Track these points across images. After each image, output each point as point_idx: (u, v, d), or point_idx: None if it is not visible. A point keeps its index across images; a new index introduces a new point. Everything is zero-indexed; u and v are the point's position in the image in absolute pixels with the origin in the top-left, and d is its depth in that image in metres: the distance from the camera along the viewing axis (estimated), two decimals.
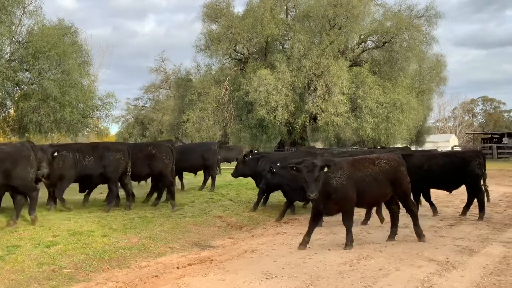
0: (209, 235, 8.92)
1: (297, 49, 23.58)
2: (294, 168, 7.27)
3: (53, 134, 22.43)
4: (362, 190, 7.49)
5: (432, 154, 11.77)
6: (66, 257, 6.94)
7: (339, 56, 24.60)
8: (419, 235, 8.02)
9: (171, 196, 11.25)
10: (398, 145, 29.73)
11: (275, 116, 22.63)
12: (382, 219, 9.75)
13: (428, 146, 49.74)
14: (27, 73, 17.56)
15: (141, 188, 13.53)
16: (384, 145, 25.27)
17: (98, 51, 48.19)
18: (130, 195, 11.17)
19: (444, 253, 7.07)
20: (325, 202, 7.41)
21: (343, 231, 9.14)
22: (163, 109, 41.89)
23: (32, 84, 17.50)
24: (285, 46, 27.48)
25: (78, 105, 18.12)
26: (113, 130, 52.54)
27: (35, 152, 8.98)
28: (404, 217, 10.66)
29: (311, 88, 24.01)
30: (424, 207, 11.47)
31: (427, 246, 7.59)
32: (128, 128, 45.64)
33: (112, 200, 10.85)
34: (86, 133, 24.58)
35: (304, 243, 7.61)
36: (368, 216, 9.83)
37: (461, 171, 10.23)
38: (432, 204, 10.95)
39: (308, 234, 7.66)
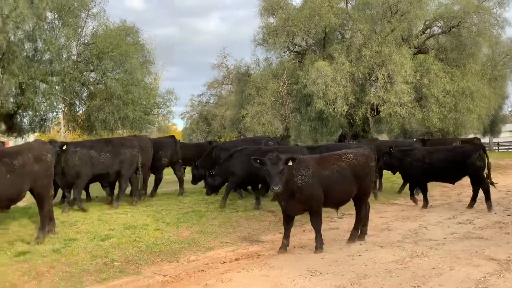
0: (259, 229, 8.88)
1: (356, 38, 22.80)
2: (258, 161, 6.94)
3: (123, 131, 23.38)
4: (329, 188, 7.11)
5: (435, 149, 12.11)
6: (119, 250, 7.18)
7: (402, 43, 23.46)
8: (352, 237, 7.64)
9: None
10: (472, 136, 28.10)
11: (334, 108, 22.04)
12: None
13: (504, 136, 46.66)
14: (92, 73, 18.42)
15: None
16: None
17: (162, 50, 50.03)
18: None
19: (507, 251, 6.53)
20: (288, 200, 7.05)
21: (399, 226, 8.82)
22: (226, 104, 42.45)
23: (97, 84, 18.35)
24: (345, 36, 26.73)
25: (140, 103, 18.76)
26: (180, 126, 54.13)
27: None
28: (468, 212, 10.12)
29: (372, 78, 23.12)
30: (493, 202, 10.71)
31: (489, 244, 7.06)
32: (192, 124, 46.72)
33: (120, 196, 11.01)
34: (149, 130, 25.35)
35: (283, 247, 7.23)
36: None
37: (462, 164, 10.67)
38: (426, 198, 11.29)
39: (286, 236, 7.31)
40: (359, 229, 7.73)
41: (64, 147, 9.65)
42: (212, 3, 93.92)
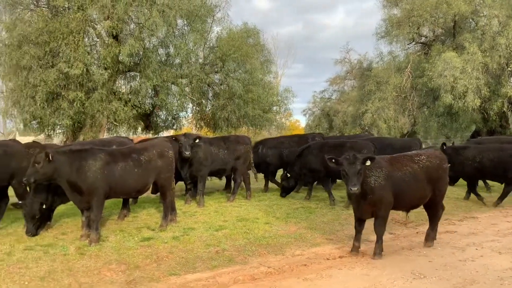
0: (368, 229, 8.57)
1: (491, 26, 20.86)
2: (333, 161, 6.66)
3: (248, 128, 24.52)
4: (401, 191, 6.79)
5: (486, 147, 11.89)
6: (230, 241, 7.68)
7: None
8: (428, 239, 7.37)
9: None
10: None
11: (464, 102, 20.42)
12: None
13: None
14: (217, 74, 19.72)
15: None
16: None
17: (285, 48, 51.17)
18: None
19: None
20: (359, 202, 6.76)
21: None
22: (348, 100, 41.72)
23: (221, 84, 19.61)
24: (478, 23, 24.58)
25: (260, 101, 19.54)
26: (303, 122, 54.66)
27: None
28: None
29: (509, 68, 20.98)
30: None
31: None
32: (314, 120, 46.87)
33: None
34: (273, 127, 26.08)
35: (355, 249, 7.08)
36: None
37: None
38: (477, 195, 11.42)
39: (356, 239, 7.15)
40: (436, 230, 7.45)
41: (197, 140, 10.32)
42: None
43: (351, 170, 6.37)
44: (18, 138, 36.44)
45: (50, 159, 6.92)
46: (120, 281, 5.89)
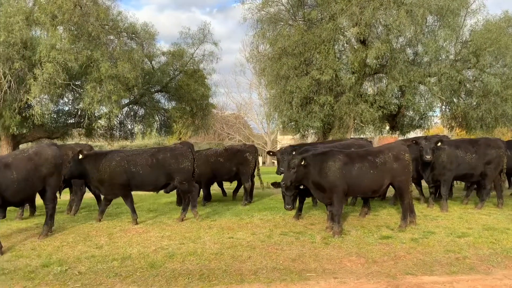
0: None
1: None
2: None
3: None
4: None
5: None
6: (473, 249, 7.35)
7: None
8: None
9: None
10: None
11: None
12: None
13: None
14: (469, 71, 18.25)
15: None
16: None
17: None
18: None
19: None
20: None
21: None
22: None
23: (474, 81, 18.09)
24: None
25: None
26: None
27: None
28: None
29: None
30: None
31: None
32: None
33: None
34: None
35: None
36: None
37: None
38: None
39: None
40: None
41: (439, 144, 10.02)
42: None
43: None
44: (279, 137, 41.51)
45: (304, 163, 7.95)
46: (358, 272, 6.42)
